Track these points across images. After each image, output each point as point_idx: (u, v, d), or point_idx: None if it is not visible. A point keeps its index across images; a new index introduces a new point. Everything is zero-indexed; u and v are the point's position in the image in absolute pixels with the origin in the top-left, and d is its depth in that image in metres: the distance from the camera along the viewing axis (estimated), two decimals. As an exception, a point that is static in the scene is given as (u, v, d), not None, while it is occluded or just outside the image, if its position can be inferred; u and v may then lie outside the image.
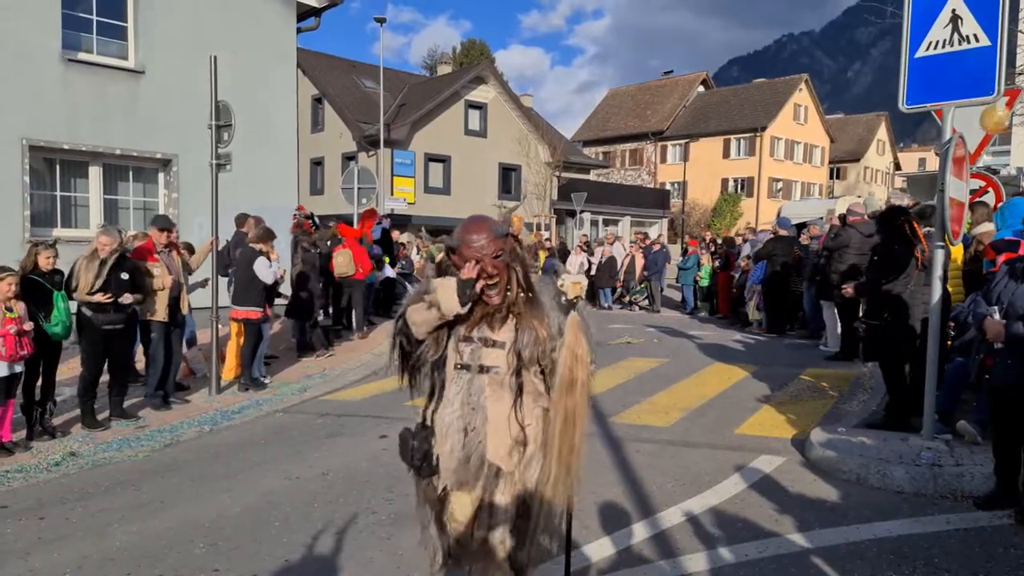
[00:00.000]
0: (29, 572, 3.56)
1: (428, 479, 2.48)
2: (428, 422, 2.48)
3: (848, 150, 51.38)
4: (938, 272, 4.90)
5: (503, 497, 2.41)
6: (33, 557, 3.74)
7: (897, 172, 52.59)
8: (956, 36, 4.77)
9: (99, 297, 5.94)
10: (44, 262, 5.77)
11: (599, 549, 3.69)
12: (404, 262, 13.80)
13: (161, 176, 11.07)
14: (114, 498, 4.61)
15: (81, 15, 10.11)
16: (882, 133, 54.14)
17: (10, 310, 5.28)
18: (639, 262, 15.80)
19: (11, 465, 5.15)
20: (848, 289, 6.07)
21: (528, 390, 2.42)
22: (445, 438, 2.43)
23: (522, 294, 2.41)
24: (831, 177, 50.11)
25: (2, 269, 5.33)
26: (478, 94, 28.46)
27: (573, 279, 2.52)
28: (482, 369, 2.40)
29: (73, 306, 5.98)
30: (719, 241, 16.13)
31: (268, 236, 7.68)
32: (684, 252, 16.40)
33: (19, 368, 5.41)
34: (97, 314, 6.01)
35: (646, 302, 15.62)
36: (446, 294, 2.32)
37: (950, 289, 5.82)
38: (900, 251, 5.54)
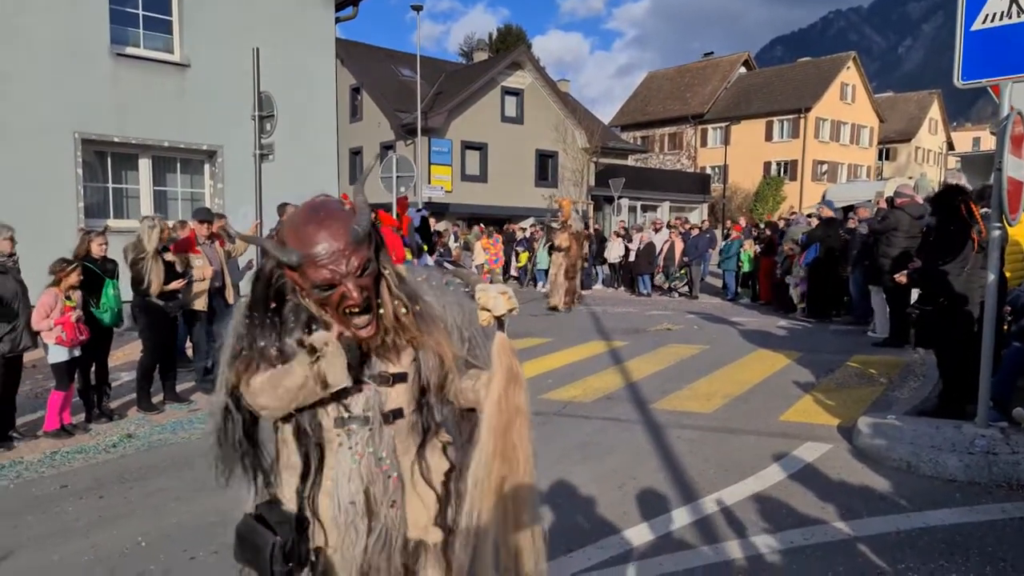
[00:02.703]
0: (91, 548, 3.72)
1: None
2: (303, 510, 1.73)
3: (898, 130, 49.81)
4: (995, 254, 4.74)
5: None
6: (94, 534, 3.89)
7: (950, 152, 50.82)
8: (1015, 8, 4.57)
9: (175, 284, 6.21)
10: (97, 249, 5.97)
11: (639, 534, 3.69)
12: (443, 250, 13.92)
13: (207, 167, 11.32)
14: (170, 478, 4.76)
15: (128, 10, 10.36)
16: (934, 111, 52.33)
17: (69, 298, 5.50)
18: (678, 247, 15.62)
19: (71, 446, 5.37)
20: (901, 277, 5.91)
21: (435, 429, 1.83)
22: (341, 530, 1.72)
23: (402, 309, 1.72)
24: (880, 158, 48.68)
25: (65, 261, 5.54)
26: (515, 80, 28.36)
27: (500, 289, 1.97)
28: (387, 418, 1.72)
29: (125, 294, 6.18)
30: (762, 226, 15.86)
31: None
32: (726, 237, 16.17)
33: (77, 353, 5.63)
34: (168, 303, 6.25)
35: (685, 288, 15.45)
36: (334, 365, 1.61)
37: (1008, 272, 5.63)
38: (956, 233, 5.36)
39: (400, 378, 1.73)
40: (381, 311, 1.69)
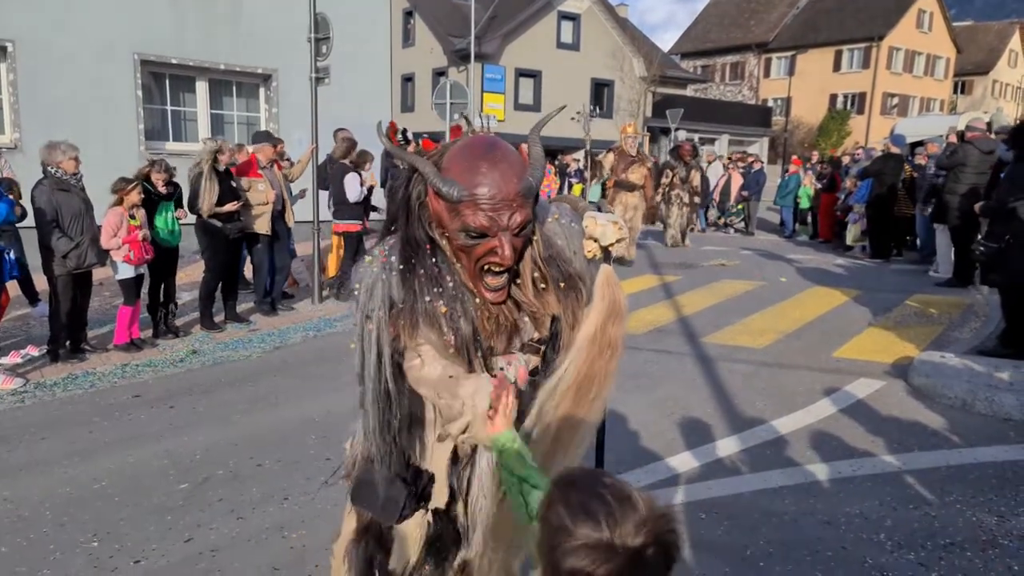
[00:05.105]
0: (165, 452, 3.97)
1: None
2: (452, 483, 1.68)
3: (976, 62, 46.57)
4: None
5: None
6: (166, 440, 4.14)
7: (1032, 86, 47.52)
8: None
9: (229, 207, 6.31)
10: (156, 178, 6.09)
11: (687, 461, 3.74)
12: None
13: (262, 91, 11.37)
14: (234, 392, 5.01)
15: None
16: (1015, 43, 48.62)
17: (133, 217, 5.69)
18: (736, 182, 15.17)
19: (142, 359, 5.66)
20: (979, 207, 5.73)
21: None
22: (476, 497, 1.62)
23: (542, 284, 1.56)
24: (955, 92, 45.80)
25: (125, 181, 5.70)
26: (572, 4, 27.33)
27: (610, 218, 1.73)
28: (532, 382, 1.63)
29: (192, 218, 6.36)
30: (824, 161, 15.27)
31: (352, 149, 7.82)
32: (785, 172, 15.64)
33: (143, 270, 5.87)
34: (226, 224, 6.40)
35: (742, 224, 15.09)
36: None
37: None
38: (1032, 168, 5.09)
39: (544, 341, 1.61)
40: (518, 279, 1.51)
